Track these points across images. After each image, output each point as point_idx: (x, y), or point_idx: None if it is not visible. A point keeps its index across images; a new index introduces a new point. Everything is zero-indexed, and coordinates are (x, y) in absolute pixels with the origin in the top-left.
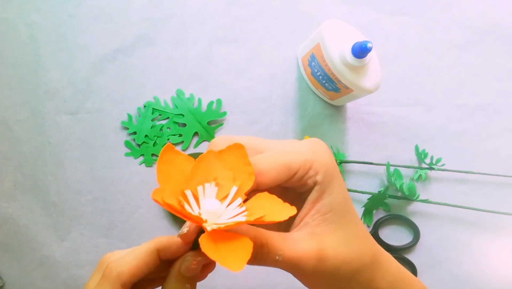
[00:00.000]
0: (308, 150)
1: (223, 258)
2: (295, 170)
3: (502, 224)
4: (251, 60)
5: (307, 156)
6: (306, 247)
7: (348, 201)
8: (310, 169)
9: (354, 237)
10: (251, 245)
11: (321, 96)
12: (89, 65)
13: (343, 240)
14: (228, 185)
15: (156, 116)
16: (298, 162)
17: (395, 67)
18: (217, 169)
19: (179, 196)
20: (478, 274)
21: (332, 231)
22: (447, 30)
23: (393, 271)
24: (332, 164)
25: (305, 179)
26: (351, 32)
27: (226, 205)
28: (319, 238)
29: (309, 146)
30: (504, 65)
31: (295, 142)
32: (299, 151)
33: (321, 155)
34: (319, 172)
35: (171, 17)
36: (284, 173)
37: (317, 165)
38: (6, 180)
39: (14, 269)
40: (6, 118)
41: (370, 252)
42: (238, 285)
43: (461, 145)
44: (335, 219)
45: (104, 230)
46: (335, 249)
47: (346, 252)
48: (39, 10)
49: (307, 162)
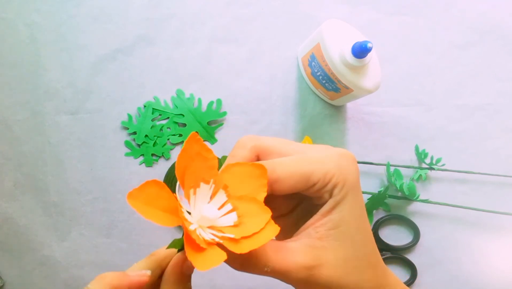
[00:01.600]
0: (333, 162)
1: (193, 254)
2: (315, 181)
3: (502, 224)
4: (251, 60)
5: (330, 168)
6: (299, 260)
7: (361, 223)
8: (329, 182)
9: (357, 261)
10: (224, 257)
11: (321, 96)
12: (89, 65)
13: (343, 260)
14: (237, 197)
15: (156, 116)
16: (319, 173)
17: (395, 67)
18: (231, 179)
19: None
20: (478, 274)
21: (333, 248)
22: (447, 30)
23: None
24: (353, 181)
25: (322, 191)
26: (351, 32)
27: (222, 214)
28: (317, 252)
29: (336, 158)
30: (504, 65)
31: (323, 149)
32: (324, 161)
33: (345, 170)
34: (337, 186)
35: (171, 17)
36: (302, 183)
37: (337, 179)
38: (6, 180)
39: (14, 269)
40: (6, 118)
41: (374, 282)
42: (238, 285)
43: (461, 145)
44: (340, 236)
45: (104, 230)
46: (331, 267)
47: (343, 273)
48: (39, 10)
49: (327, 175)
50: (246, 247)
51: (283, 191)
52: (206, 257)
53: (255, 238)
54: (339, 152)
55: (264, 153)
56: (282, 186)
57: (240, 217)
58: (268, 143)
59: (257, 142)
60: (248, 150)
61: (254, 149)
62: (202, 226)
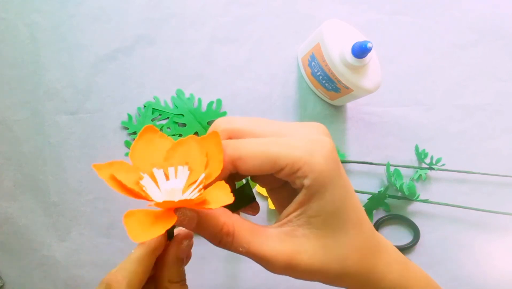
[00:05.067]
0: (304, 147)
1: (131, 226)
2: (282, 166)
3: (502, 224)
4: (251, 60)
5: (300, 155)
6: (278, 247)
7: (344, 208)
8: (298, 170)
9: (339, 248)
10: (162, 231)
11: (321, 96)
12: (89, 65)
13: (323, 248)
14: (199, 170)
15: (156, 116)
16: (286, 159)
17: (395, 67)
18: (194, 154)
19: (145, 173)
20: (479, 274)
21: (314, 236)
22: (447, 30)
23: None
24: (327, 168)
25: (293, 178)
26: (351, 32)
27: (190, 188)
28: (297, 240)
29: (308, 143)
30: (504, 65)
31: (297, 129)
32: (294, 145)
33: (316, 157)
34: (308, 176)
35: (171, 17)
36: (268, 165)
37: (307, 169)
38: (6, 180)
39: (14, 269)
40: (6, 118)
41: (360, 266)
42: (238, 285)
43: (461, 145)
44: (321, 225)
45: (104, 230)
46: (310, 256)
47: (324, 261)
48: (39, 10)
49: (296, 163)
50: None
51: (248, 170)
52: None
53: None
54: (311, 137)
55: (236, 134)
56: (246, 165)
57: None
58: (241, 125)
59: (230, 124)
60: (220, 132)
61: (226, 132)
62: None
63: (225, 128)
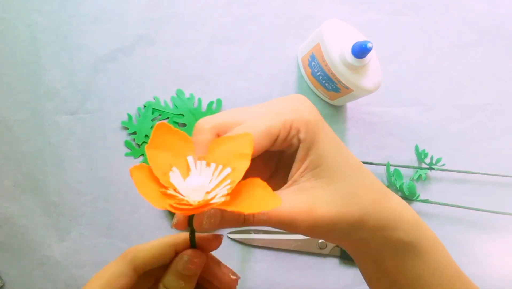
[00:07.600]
0: (287, 109)
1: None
2: (276, 133)
3: (502, 224)
4: (251, 60)
5: (286, 116)
6: (294, 204)
7: (341, 154)
8: (291, 129)
9: (351, 188)
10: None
11: (321, 96)
12: (89, 65)
13: (337, 193)
14: (225, 167)
15: (156, 116)
16: (277, 124)
17: (395, 67)
18: (228, 153)
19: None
20: (479, 274)
21: (323, 185)
22: (447, 30)
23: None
24: (313, 118)
25: (288, 139)
26: (351, 32)
27: (214, 184)
28: (309, 193)
29: (288, 104)
30: (504, 65)
31: (275, 103)
32: (278, 112)
33: (300, 111)
34: (301, 130)
35: (171, 17)
36: (266, 140)
37: (297, 123)
38: (6, 180)
39: (14, 269)
40: (6, 118)
41: (379, 207)
42: (238, 285)
43: (461, 145)
44: (325, 173)
45: (104, 230)
46: (328, 204)
47: (342, 205)
48: (39, 10)
49: (286, 122)
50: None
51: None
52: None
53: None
54: (290, 98)
55: (223, 129)
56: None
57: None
58: (223, 119)
59: (214, 121)
60: (207, 132)
61: (213, 129)
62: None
63: (211, 127)
